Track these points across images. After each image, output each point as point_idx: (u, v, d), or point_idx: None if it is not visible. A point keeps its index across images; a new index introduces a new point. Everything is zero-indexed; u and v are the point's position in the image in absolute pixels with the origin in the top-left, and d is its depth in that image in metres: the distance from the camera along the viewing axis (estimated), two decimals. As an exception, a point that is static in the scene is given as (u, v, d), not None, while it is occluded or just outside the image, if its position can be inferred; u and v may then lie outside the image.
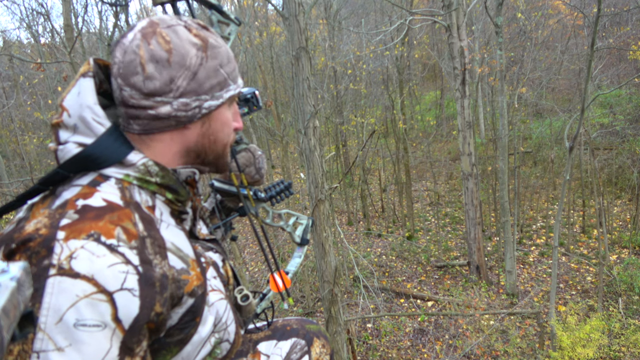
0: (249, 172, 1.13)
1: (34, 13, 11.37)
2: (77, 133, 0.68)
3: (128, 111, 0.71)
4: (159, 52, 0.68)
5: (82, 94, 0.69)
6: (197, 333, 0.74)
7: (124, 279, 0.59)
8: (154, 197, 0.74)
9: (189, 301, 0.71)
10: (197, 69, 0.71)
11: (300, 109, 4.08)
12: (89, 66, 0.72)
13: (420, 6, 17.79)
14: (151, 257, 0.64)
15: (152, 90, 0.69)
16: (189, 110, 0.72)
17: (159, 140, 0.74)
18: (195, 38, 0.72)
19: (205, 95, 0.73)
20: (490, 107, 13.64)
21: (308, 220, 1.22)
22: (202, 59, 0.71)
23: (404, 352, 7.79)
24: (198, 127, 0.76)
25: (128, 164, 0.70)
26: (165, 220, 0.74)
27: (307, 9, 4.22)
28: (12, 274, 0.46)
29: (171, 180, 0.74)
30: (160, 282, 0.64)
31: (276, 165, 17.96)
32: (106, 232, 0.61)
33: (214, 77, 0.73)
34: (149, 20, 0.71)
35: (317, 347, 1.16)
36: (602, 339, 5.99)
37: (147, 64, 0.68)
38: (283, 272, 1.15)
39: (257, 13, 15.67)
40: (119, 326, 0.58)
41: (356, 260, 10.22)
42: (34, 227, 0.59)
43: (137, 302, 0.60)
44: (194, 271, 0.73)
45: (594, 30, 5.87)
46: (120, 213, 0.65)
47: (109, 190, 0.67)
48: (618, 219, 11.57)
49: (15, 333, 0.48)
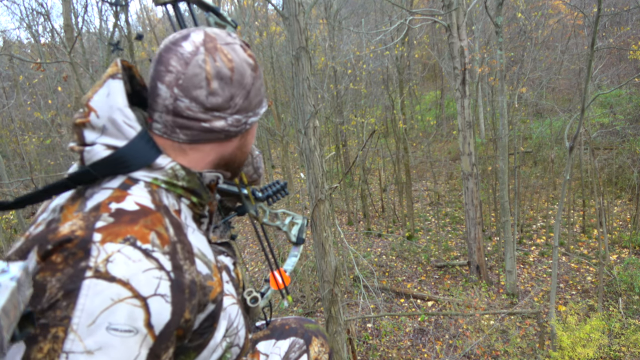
0: (247, 171, 1.14)
1: (34, 13, 11.37)
2: (106, 135, 0.68)
3: (178, 120, 0.71)
4: (224, 69, 0.70)
5: (112, 96, 0.69)
6: (213, 338, 0.75)
7: (158, 284, 0.60)
8: (179, 200, 0.74)
9: (211, 307, 0.71)
10: (250, 88, 0.75)
11: (300, 109, 4.08)
12: (117, 68, 0.72)
13: (420, 6, 17.79)
14: (182, 262, 0.65)
15: (214, 105, 0.71)
16: (239, 125, 0.76)
17: (198, 150, 0.75)
18: (250, 58, 0.75)
19: (251, 112, 0.78)
20: (490, 107, 13.64)
21: (303, 220, 1.23)
22: (254, 78, 0.75)
23: (404, 352, 7.80)
24: (237, 140, 0.79)
25: (156, 168, 0.70)
26: (190, 224, 0.75)
27: (307, 9, 4.22)
28: (12, 274, 0.46)
29: (196, 184, 0.75)
30: (190, 288, 0.64)
31: (276, 165, 17.97)
32: (142, 236, 0.61)
33: (258, 95, 0.78)
34: (204, 32, 0.72)
35: (316, 346, 1.17)
36: (602, 339, 5.99)
37: (212, 79, 0.70)
38: (282, 270, 1.15)
39: (257, 13, 15.67)
40: (151, 332, 0.58)
41: (356, 260, 10.22)
42: (70, 229, 0.59)
43: (169, 309, 0.60)
44: (216, 277, 0.73)
45: (594, 30, 5.87)
46: (153, 217, 0.65)
47: (140, 193, 0.67)
48: (618, 218, 11.57)
49: (15, 333, 0.48)
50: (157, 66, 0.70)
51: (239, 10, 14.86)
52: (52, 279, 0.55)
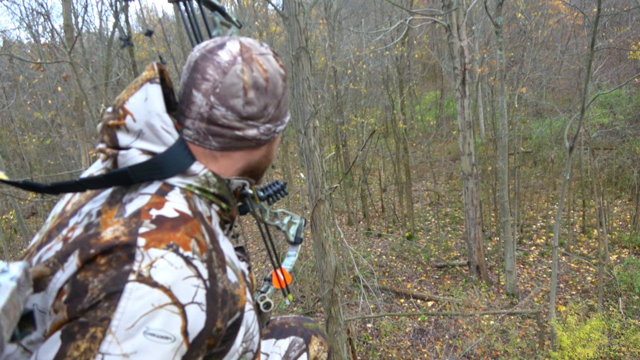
0: None
1: (34, 13, 11.37)
2: (142, 139, 0.68)
3: (212, 128, 0.72)
4: (260, 80, 0.72)
5: (150, 101, 0.69)
6: (234, 344, 0.75)
7: (195, 292, 0.60)
8: (210, 207, 0.75)
9: (237, 315, 0.72)
10: (281, 98, 0.76)
11: (300, 109, 4.08)
12: (155, 72, 0.72)
13: (420, 6, 17.79)
14: (216, 270, 0.65)
15: (249, 114, 0.72)
16: (270, 134, 0.77)
17: (229, 157, 0.76)
18: (282, 69, 0.77)
19: (279, 121, 0.79)
20: (490, 107, 13.63)
21: (301, 220, 1.24)
22: (284, 88, 0.77)
23: (404, 352, 7.80)
24: (265, 148, 0.81)
25: (190, 174, 0.71)
26: (219, 231, 0.76)
27: (307, 9, 4.22)
28: (12, 274, 0.46)
29: (225, 191, 0.76)
30: (222, 297, 0.65)
31: (276, 165, 17.97)
32: (184, 243, 0.62)
33: (286, 105, 0.80)
34: (240, 42, 0.73)
35: (315, 344, 1.17)
36: (602, 339, 5.98)
37: (250, 89, 0.71)
38: (284, 269, 1.16)
39: (257, 13, 15.67)
40: (186, 340, 0.59)
41: (356, 260, 10.22)
42: (113, 235, 0.59)
43: (204, 317, 0.61)
44: (242, 284, 0.74)
45: (594, 30, 5.87)
46: (192, 224, 0.66)
47: (177, 200, 0.68)
48: (618, 218, 11.57)
49: (15, 333, 0.48)
50: (193, 73, 0.70)
51: (239, 10, 14.86)
52: (94, 279, 0.56)
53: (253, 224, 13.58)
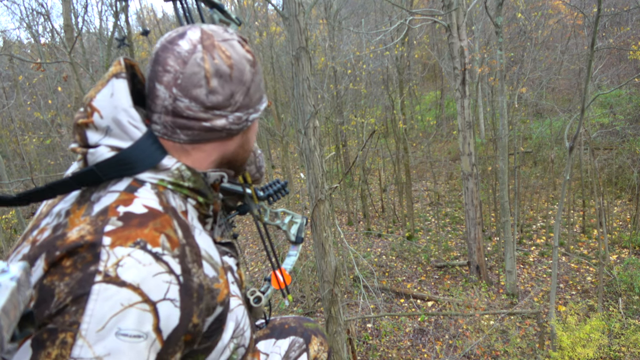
0: (250, 170, 1.13)
1: (34, 13, 11.37)
2: (110, 136, 0.67)
3: (178, 121, 0.70)
4: (223, 67, 0.69)
5: (116, 96, 0.67)
6: (221, 340, 0.74)
7: (167, 289, 0.59)
8: (185, 201, 0.73)
9: (219, 310, 0.70)
10: (250, 85, 0.73)
11: (300, 109, 4.08)
12: (121, 67, 0.70)
13: (420, 6, 17.79)
14: (190, 265, 0.64)
15: (214, 104, 0.70)
16: (240, 123, 0.74)
17: (200, 150, 0.74)
18: (248, 54, 0.74)
19: (252, 109, 0.76)
20: (490, 107, 13.64)
21: (302, 219, 1.23)
22: (253, 74, 0.74)
23: (404, 352, 7.80)
24: (239, 138, 0.78)
25: (162, 169, 0.69)
26: (196, 225, 0.73)
27: (307, 9, 4.22)
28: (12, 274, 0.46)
29: (201, 184, 0.74)
30: (198, 292, 0.63)
31: (276, 165, 17.97)
32: (152, 239, 0.60)
33: (258, 91, 0.76)
34: (201, 29, 0.70)
35: (315, 344, 1.17)
36: (602, 339, 5.99)
37: (212, 78, 0.68)
38: (283, 269, 1.15)
39: (257, 13, 15.68)
40: (159, 337, 0.58)
41: (356, 260, 10.22)
42: (78, 235, 0.58)
43: (178, 313, 0.60)
44: (223, 279, 0.72)
45: (594, 30, 5.88)
46: (162, 220, 0.64)
47: (147, 195, 0.66)
48: (618, 219, 11.57)
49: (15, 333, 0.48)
50: (154, 66, 0.69)
51: (239, 10, 14.86)
52: (60, 283, 0.54)
53: (253, 224, 13.58)
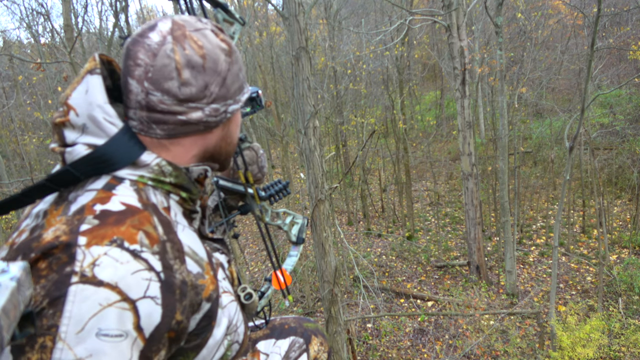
0: (251, 170, 1.13)
1: (34, 13, 11.37)
2: (87, 133, 0.65)
3: (153, 116, 0.68)
4: (195, 57, 0.67)
5: (90, 92, 0.66)
6: (212, 336, 0.73)
7: (147, 286, 0.58)
8: (168, 197, 0.72)
9: (206, 306, 0.69)
10: (226, 75, 0.71)
11: (300, 109, 4.08)
12: (96, 62, 0.69)
13: (420, 6, 17.79)
14: (172, 262, 0.62)
15: (187, 96, 0.67)
16: (218, 115, 0.72)
17: (179, 144, 0.72)
18: (223, 43, 0.71)
19: (230, 100, 0.73)
20: (490, 107, 13.64)
21: (303, 220, 1.23)
22: (229, 64, 0.71)
23: (404, 352, 7.80)
24: (220, 131, 0.76)
25: (141, 165, 0.68)
26: (180, 221, 0.72)
27: (307, 9, 4.22)
28: (12, 274, 0.46)
29: (184, 179, 0.73)
30: (180, 289, 0.62)
31: (276, 165, 17.97)
32: (129, 237, 0.59)
33: (237, 81, 0.74)
34: (172, 20, 0.68)
35: (315, 344, 1.17)
36: (602, 339, 5.99)
37: (183, 69, 0.66)
38: (284, 270, 1.15)
39: (257, 13, 15.68)
40: (140, 335, 0.57)
41: (356, 260, 10.22)
42: (53, 235, 0.57)
43: (160, 311, 0.59)
44: (208, 275, 0.71)
45: (594, 30, 5.88)
46: (140, 216, 0.63)
47: (125, 193, 0.65)
48: (618, 219, 11.57)
49: (15, 333, 0.48)
50: (126, 61, 0.67)
51: (239, 10, 14.86)
52: (36, 286, 0.53)
53: (253, 224, 13.58)
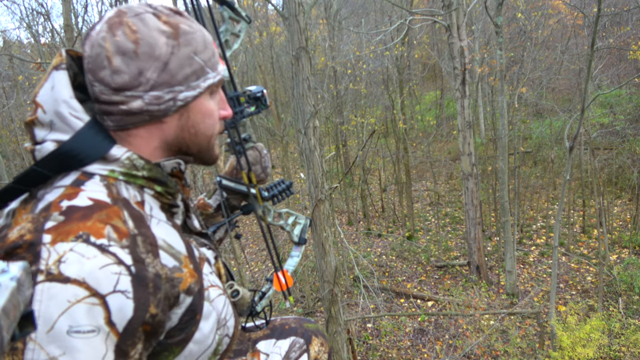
0: (255, 170, 1.12)
1: (34, 13, 11.37)
2: (55, 130, 0.65)
3: (101, 107, 0.67)
4: (125, 43, 0.64)
5: (56, 88, 0.65)
6: (198, 330, 0.72)
7: (117, 280, 0.57)
8: (142, 191, 0.71)
9: (187, 300, 0.68)
10: (168, 59, 0.66)
11: (300, 109, 4.08)
12: (62, 58, 0.68)
13: (420, 6, 17.79)
14: (143, 255, 0.62)
15: (120, 84, 0.65)
16: (161, 103, 0.68)
17: (135, 136, 0.70)
18: (165, 25, 0.67)
19: (180, 86, 0.69)
20: (490, 107, 13.64)
21: (306, 220, 1.22)
22: (174, 47, 0.67)
23: (404, 352, 7.79)
24: (176, 120, 0.72)
25: (112, 159, 0.66)
26: (156, 215, 0.71)
27: (307, 9, 4.22)
28: (12, 274, 0.46)
29: (158, 173, 0.71)
30: (154, 282, 0.61)
31: (276, 165, 17.97)
32: (95, 231, 0.58)
33: (188, 66, 0.68)
34: (117, 9, 0.67)
35: (316, 345, 1.17)
36: (602, 339, 5.99)
37: (113, 57, 0.64)
38: (285, 271, 1.15)
39: (257, 13, 15.67)
40: (113, 330, 0.56)
41: (356, 260, 10.22)
42: (18, 234, 0.56)
43: (131, 305, 0.58)
44: (187, 268, 0.70)
45: (594, 30, 5.87)
46: (108, 211, 0.61)
47: (94, 188, 0.64)
48: (618, 218, 11.57)
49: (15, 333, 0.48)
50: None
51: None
52: None
53: (253, 224, 13.58)
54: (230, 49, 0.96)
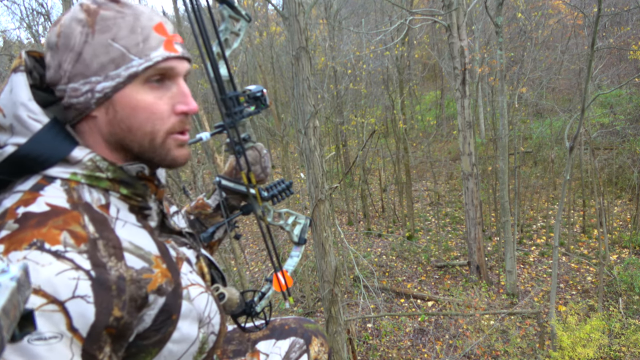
0: (254, 170, 1.11)
1: (34, 13, 11.37)
2: (15, 134, 0.63)
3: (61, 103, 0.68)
4: (52, 38, 0.64)
5: (14, 91, 0.63)
6: (176, 330, 0.71)
7: (76, 285, 0.56)
8: (107, 194, 0.69)
9: (159, 300, 0.67)
10: (81, 49, 0.63)
11: (300, 109, 4.08)
12: (21, 60, 0.66)
13: (420, 6, 17.79)
14: (105, 259, 0.60)
15: (50, 79, 0.66)
16: (80, 96, 0.65)
17: (82, 132, 0.69)
18: (82, 13, 0.64)
19: (96, 77, 0.64)
20: (491, 107, 13.64)
21: (306, 220, 1.21)
22: (87, 35, 0.63)
23: (404, 352, 7.79)
24: (102, 115, 0.67)
25: (74, 161, 0.65)
26: (123, 217, 0.69)
27: (307, 9, 4.22)
28: (12, 274, 0.46)
29: (123, 174, 0.69)
30: (117, 284, 0.60)
31: (276, 165, 17.97)
32: (50, 238, 0.57)
33: (104, 54, 0.64)
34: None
35: (316, 345, 1.17)
36: (602, 339, 5.99)
37: (46, 53, 0.65)
38: (285, 271, 1.14)
39: (257, 13, 15.66)
40: (76, 335, 0.55)
41: (356, 260, 10.22)
42: None
43: (92, 309, 0.57)
44: (159, 268, 0.68)
45: (594, 30, 5.87)
46: (66, 217, 0.60)
47: (53, 193, 0.62)
48: (618, 218, 11.57)
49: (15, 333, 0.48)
50: None
51: (239, 10, 14.86)
52: None
53: (253, 224, 13.58)
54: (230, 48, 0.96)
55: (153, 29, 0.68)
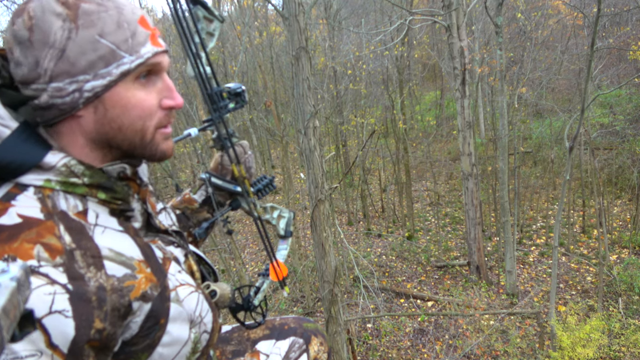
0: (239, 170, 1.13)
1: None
2: None
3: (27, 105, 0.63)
4: (21, 31, 0.58)
5: None
6: (166, 334, 0.69)
7: (52, 300, 0.53)
8: (84, 200, 0.65)
9: (145, 307, 0.65)
10: (64, 45, 0.59)
11: (300, 109, 4.08)
12: None
13: (420, 6, 17.80)
14: (82, 270, 0.58)
15: (22, 77, 0.60)
16: (65, 95, 0.61)
17: (60, 133, 0.65)
18: (61, 7, 0.59)
19: (85, 75, 0.61)
20: (490, 107, 13.64)
21: (290, 213, 1.24)
22: (71, 31, 0.59)
23: (404, 352, 7.80)
24: (91, 114, 0.64)
25: (47, 167, 0.61)
26: (102, 223, 0.66)
27: (307, 9, 4.22)
28: (12, 274, 0.46)
29: (101, 177, 0.66)
30: (97, 295, 0.58)
31: (276, 165, 17.97)
32: (23, 253, 0.54)
33: (91, 51, 0.60)
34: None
35: (315, 345, 1.17)
36: (602, 339, 5.99)
37: (13, 47, 0.59)
38: (280, 261, 1.16)
39: (257, 13, 15.66)
40: (56, 352, 0.53)
41: (356, 260, 10.22)
42: None
43: (72, 323, 0.54)
44: (142, 273, 0.66)
45: (594, 30, 5.87)
46: (39, 228, 0.57)
47: (26, 202, 0.59)
48: (618, 219, 11.57)
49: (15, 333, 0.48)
50: None
51: (239, 10, 14.85)
52: None
53: (253, 224, 13.57)
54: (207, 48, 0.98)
55: (138, 23, 0.65)
